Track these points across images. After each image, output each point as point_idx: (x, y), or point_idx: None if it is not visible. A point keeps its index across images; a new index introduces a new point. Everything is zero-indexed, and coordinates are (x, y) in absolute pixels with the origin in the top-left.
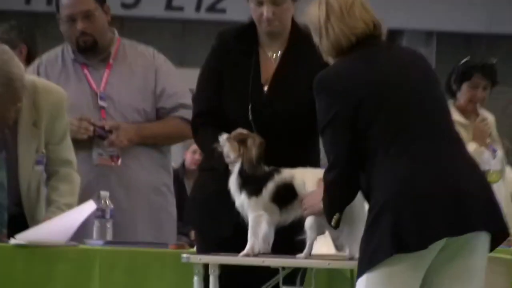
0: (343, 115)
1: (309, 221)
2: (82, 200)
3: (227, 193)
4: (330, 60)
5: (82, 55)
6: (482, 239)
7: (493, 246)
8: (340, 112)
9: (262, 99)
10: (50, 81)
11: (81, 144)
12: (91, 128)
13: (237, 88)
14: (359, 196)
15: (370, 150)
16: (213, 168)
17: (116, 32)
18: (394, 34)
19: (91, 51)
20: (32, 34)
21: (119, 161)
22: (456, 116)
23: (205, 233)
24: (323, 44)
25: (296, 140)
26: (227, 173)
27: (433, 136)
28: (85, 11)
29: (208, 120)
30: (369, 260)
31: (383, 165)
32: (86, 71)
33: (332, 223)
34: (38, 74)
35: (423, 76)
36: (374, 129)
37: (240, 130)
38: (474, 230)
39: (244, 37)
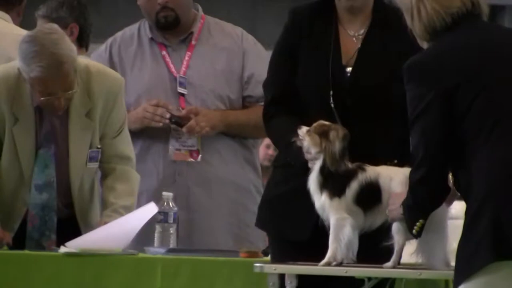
0: (436, 106)
1: (396, 225)
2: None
3: (305, 192)
4: (425, 45)
5: (161, 34)
6: None
7: None
8: (433, 103)
9: (345, 83)
10: (124, 62)
11: (155, 137)
12: (168, 115)
13: (316, 71)
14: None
15: (466, 140)
16: (289, 165)
17: (200, 8)
18: (494, 10)
19: (171, 29)
20: (84, 11)
21: (199, 156)
22: None
23: (279, 237)
24: (415, 26)
25: (384, 129)
26: (304, 170)
27: None
28: None
29: (282, 108)
30: (465, 268)
31: (481, 155)
32: (164, 52)
33: (414, 231)
34: (111, 54)
35: None
36: (471, 118)
37: (322, 122)
38: None
39: (321, 14)
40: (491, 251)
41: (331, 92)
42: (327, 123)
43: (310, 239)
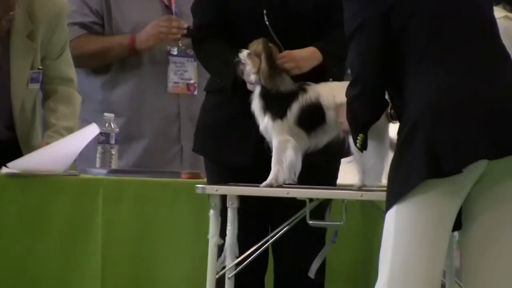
0: (373, 20)
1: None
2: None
3: (242, 116)
4: None
5: None
6: None
7: None
8: (370, 17)
9: (276, 3)
10: None
11: (153, 71)
12: (185, 25)
13: None
14: (384, 118)
15: (402, 60)
16: (222, 90)
17: None
18: None
19: None
20: None
21: (196, 90)
22: None
23: (219, 161)
24: None
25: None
26: (238, 93)
27: (473, 47)
28: None
29: (212, 32)
30: (398, 188)
31: (416, 76)
32: None
33: (357, 145)
34: None
35: None
36: (406, 35)
37: (258, 41)
38: None
39: None
40: (423, 171)
41: (265, 11)
42: (266, 42)
43: (249, 164)
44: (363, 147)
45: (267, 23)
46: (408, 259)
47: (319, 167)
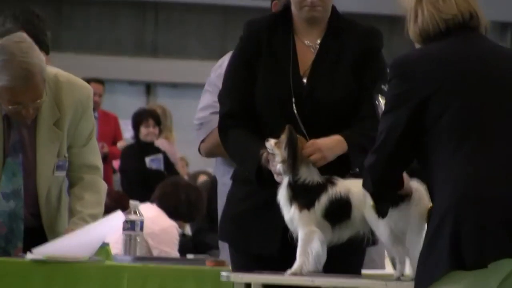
0: (409, 106)
1: (385, 233)
2: None
3: (268, 207)
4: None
5: None
6: None
7: None
8: (407, 102)
9: (302, 93)
10: None
11: None
12: None
13: (276, 82)
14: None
15: (435, 145)
16: (249, 179)
17: None
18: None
19: None
20: (30, 17)
21: None
22: None
23: (245, 251)
24: (410, 29)
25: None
26: (262, 184)
27: (510, 140)
28: None
29: (239, 121)
30: (425, 278)
31: (448, 164)
32: None
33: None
34: None
35: None
36: (443, 123)
37: (287, 130)
38: None
39: (278, 26)
40: (449, 262)
41: (293, 100)
42: (287, 130)
43: (277, 253)
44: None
45: (295, 112)
46: None
47: (344, 256)
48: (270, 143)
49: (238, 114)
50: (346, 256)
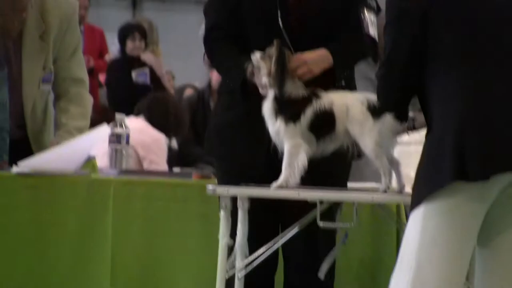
0: (413, 12)
1: (374, 151)
2: None
3: (253, 118)
4: None
5: None
6: None
7: None
8: (411, 9)
9: (288, 5)
10: None
11: None
12: None
13: None
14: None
15: (435, 61)
16: (234, 91)
17: None
18: None
19: None
20: None
21: None
22: None
23: (230, 162)
24: None
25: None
26: (248, 96)
27: (508, 65)
28: None
29: (223, 34)
30: (425, 189)
31: (449, 82)
32: None
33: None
34: None
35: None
36: (446, 41)
37: (276, 45)
38: None
39: None
40: (450, 173)
41: (279, 13)
42: (275, 44)
43: (262, 163)
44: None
45: (281, 25)
46: (433, 261)
47: (330, 169)
48: (256, 56)
49: (223, 26)
50: (331, 169)
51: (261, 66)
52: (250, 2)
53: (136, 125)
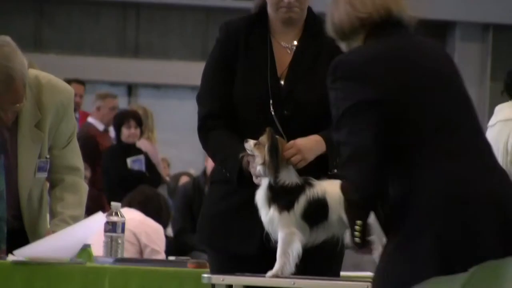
0: (370, 102)
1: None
2: None
3: (247, 207)
4: (343, 46)
5: None
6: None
7: None
8: (367, 99)
9: (281, 95)
10: None
11: None
12: None
13: (254, 82)
14: None
15: (406, 146)
16: (228, 180)
17: None
18: (445, 26)
19: None
20: None
21: None
22: None
23: (223, 252)
24: (328, 25)
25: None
26: (243, 185)
27: (474, 133)
28: None
29: (219, 122)
30: (400, 278)
31: (426, 165)
32: None
33: (356, 234)
34: None
35: (454, 69)
36: (411, 121)
37: (268, 133)
38: None
39: (255, 27)
40: (435, 266)
41: (271, 101)
42: (267, 133)
43: (256, 254)
44: (362, 241)
45: (272, 113)
46: None
47: (322, 259)
48: (250, 144)
49: (217, 114)
50: (324, 259)
51: (254, 154)
52: (242, 90)
53: (135, 215)
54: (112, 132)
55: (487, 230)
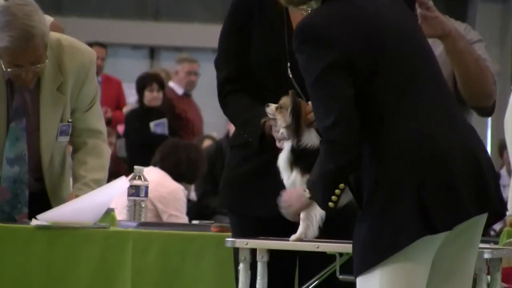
0: (341, 63)
1: None
2: None
3: (267, 171)
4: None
5: None
6: (483, 219)
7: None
8: (337, 60)
9: None
10: None
11: None
12: None
13: (271, 45)
14: None
15: (375, 106)
16: (248, 144)
17: None
18: None
19: None
20: None
21: None
22: None
23: (246, 214)
24: None
25: None
26: (264, 148)
27: (439, 86)
28: None
29: (237, 86)
30: (384, 247)
31: (395, 124)
32: None
33: (330, 204)
34: None
35: (414, 23)
36: (378, 80)
37: (291, 96)
38: (493, 209)
39: None
40: (418, 228)
41: (289, 64)
42: (290, 96)
43: (277, 216)
44: (336, 205)
45: (290, 76)
46: None
47: (349, 220)
48: (271, 108)
49: (235, 78)
50: (347, 221)
51: (276, 118)
52: (259, 53)
53: (153, 177)
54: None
55: (465, 188)
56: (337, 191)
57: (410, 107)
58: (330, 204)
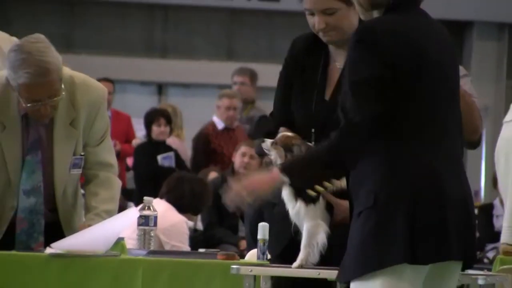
0: (386, 77)
1: None
2: None
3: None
4: (365, 15)
5: None
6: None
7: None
8: (383, 73)
9: (324, 109)
10: None
11: None
12: None
13: (301, 108)
14: None
15: (398, 125)
16: None
17: None
18: (463, 26)
19: None
20: None
21: None
22: None
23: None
24: None
25: None
26: None
27: (455, 135)
28: None
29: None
30: (377, 259)
31: (410, 150)
32: None
33: (317, 188)
34: None
35: (454, 62)
36: (412, 102)
37: (285, 134)
38: (471, 257)
39: (316, 47)
40: (402, 254)
41: (313, 130)
42: (290, 134)
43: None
44: (313, 198)
45: (312, 143)
46: None
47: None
48: (267, 144)
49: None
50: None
51: (271, 153)
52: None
53: (158, 210)
54: (143, 130)
55: (454, 231)
56: (326, 184)
57: (430, 140)
58: (311, 192)
